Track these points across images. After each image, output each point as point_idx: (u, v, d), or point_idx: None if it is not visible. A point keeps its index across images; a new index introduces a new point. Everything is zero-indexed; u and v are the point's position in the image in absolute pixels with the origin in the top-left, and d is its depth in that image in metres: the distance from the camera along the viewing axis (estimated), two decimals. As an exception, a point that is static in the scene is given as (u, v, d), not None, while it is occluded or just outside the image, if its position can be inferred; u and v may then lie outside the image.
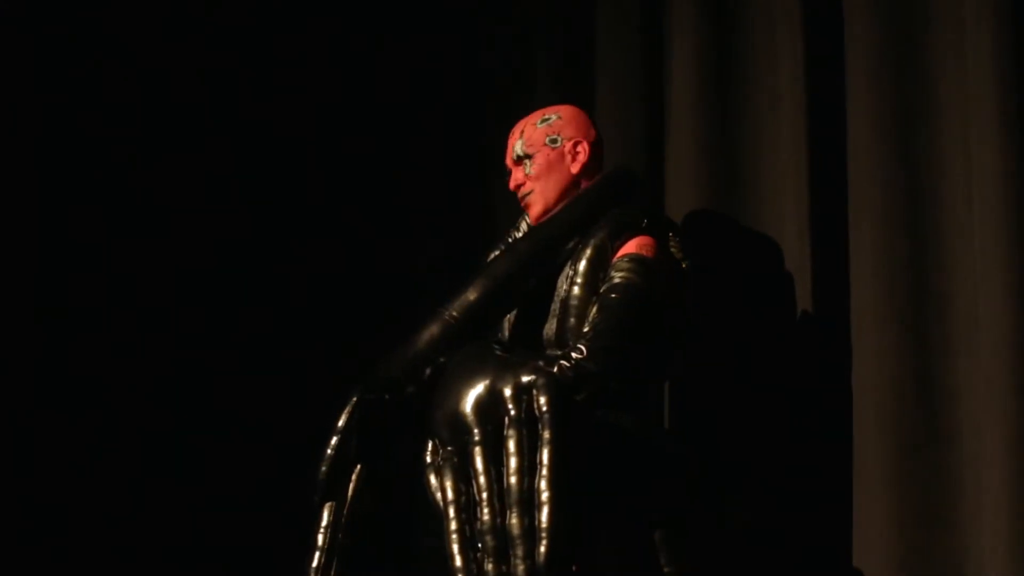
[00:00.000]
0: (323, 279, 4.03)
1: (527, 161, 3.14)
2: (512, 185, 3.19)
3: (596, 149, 3.16)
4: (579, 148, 3.13)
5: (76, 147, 3.86)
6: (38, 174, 3.81)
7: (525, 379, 2.68)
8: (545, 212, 3.12)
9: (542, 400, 2.65)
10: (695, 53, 3.45)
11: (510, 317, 3.08)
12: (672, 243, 3.01)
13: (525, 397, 2.67)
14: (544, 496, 2.57)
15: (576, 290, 2.96)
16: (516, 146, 3.17)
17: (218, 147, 3.99)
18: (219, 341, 3.92)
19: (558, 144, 3.13)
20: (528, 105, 3.62)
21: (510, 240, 3.20)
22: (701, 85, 3.43)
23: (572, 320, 2.95)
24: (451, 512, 2.67)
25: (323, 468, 2.89)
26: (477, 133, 3.96)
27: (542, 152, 3.13)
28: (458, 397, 2.75)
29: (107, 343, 3.81)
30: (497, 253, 3.16)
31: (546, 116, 3.18)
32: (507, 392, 2.69)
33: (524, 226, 3.21)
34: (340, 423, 2.90)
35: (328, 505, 2.89)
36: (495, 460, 2.66)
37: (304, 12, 4.11)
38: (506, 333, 3.08)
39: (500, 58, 3.98)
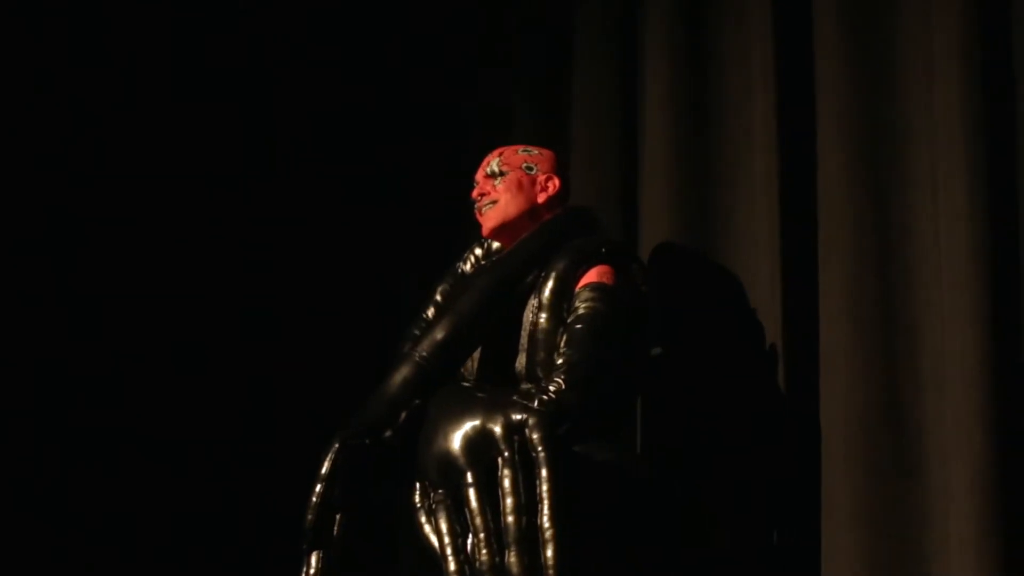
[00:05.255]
0: (322, 279, 4.04)
1: (499, 176, 3.18)
2: (475, 193, 3.22)
3: (564, 190, 3.23)
4: (550, 183, 3.19)
5: (75, 147, 3.87)
6: (38, 174, 3.83)
7: (516, 418, 2.70)
8: (499, 226, 3.16)
9: (535, 438, 2.66)
10: (668, 90, 3.50)
11: (476, 353, 3.08)
12: (634, 269, 3.04)
13: (517, 436, 2.69)
14: (548, 533, 2.59)
15: (542, 322, 2.98)
16: (492, 163, 3.21)
17: (218, 146, 4.00)
18: (219, 341, 3.94)
19: (533, 172, 3.19)
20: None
21: (460, 273, 3.22)
22: (674, 120, 3.48)
23: (541, 353, 2.96)
24: (449, 553, 2.71)
25: (309, 516, 2.88)
26: (474, 137, 3.96)
27: (516, 172, 3.18)
28: (447, 439, 2.77)
29: (107, 343, 3.84)
30: (447, 285, 3.21)
31: (527, 148, 3.25)
32: (498, 432, 2.71)
33: (472, 259, 3.24)
34: (323, 470, 2.88)
35: (315, 553, 2.89)
36: (489, 500, 2.68)
37: (304, 13, 4.10)
38: (473, 368, 3.09)
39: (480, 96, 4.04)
